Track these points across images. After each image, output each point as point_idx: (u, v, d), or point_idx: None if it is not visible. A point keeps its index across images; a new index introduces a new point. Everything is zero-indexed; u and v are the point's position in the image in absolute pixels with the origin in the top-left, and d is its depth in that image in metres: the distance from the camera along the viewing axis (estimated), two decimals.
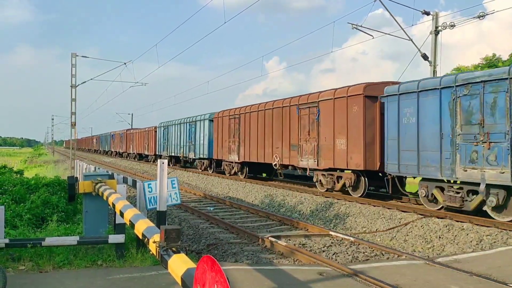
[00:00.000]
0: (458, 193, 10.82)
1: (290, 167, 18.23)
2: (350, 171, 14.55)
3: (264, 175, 23.26)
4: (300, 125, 17.05)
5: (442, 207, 11.41)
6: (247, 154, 21.48)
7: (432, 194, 11.55)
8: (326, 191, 15.73)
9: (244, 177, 22.03)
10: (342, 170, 15.02)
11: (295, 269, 6.93)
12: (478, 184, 10.07)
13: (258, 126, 20.42)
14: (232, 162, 23.20)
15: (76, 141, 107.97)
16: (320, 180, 16.09)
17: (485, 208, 10.22)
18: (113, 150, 60.30)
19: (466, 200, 10.60)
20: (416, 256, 7.99)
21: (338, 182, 15.18)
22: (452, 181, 11.23)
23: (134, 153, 47.30)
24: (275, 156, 18.69)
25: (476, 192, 10.29)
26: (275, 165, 18.73)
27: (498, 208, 9.94)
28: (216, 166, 26.12)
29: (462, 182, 10.74)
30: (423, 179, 11.88)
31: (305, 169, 16.74)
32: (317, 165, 15.89)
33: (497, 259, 7.57)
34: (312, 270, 6.70)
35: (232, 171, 23.19)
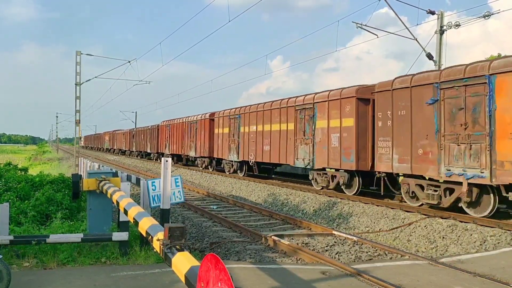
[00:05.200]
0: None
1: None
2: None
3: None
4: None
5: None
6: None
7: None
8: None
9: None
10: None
11: (298, 268, 6.93)
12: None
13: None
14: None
15: (82, 139, 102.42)
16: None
17: None
18: (135, 150, 49.29)
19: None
20: (419, 256, 7.98)
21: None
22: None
23: (168, 153, 34.65)
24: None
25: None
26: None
27: None
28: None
29: None
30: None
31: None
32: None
33: (501, 259, 7.55)
34: (315, 270, 6.70)
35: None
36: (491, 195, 10.22)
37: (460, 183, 10.52)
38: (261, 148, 20.46)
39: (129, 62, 23.13)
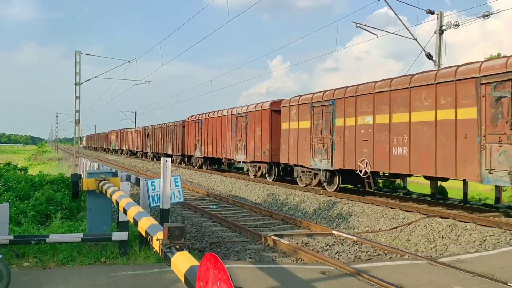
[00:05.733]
0: None
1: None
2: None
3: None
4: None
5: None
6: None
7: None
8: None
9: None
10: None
11: (297, 267, 6.94)
12: None
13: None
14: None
15: (84, 139, 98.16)
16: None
17: None
18: (150, 151, 41.41)
19: None
20: (419, 256, 7.98)
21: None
22: None
23: (199, 155, 28.34)
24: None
25: None
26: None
27: None
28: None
29: None
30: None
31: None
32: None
33: (500, 259, 7.55)
34: (315, 269, 6.71)
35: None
36: None
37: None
38: (386, 150, 13.15)
39: (129, 62, 23.14)
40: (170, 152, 34.34)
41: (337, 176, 15.43)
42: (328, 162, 15.37)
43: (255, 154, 20.90)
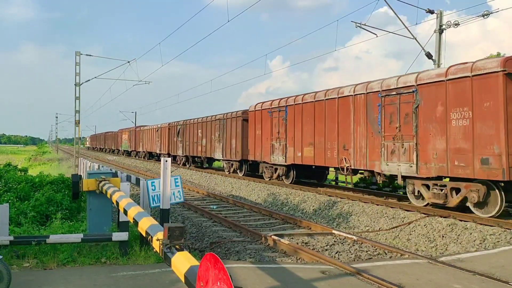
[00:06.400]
0: None
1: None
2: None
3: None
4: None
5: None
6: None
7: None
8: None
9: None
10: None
11: (297, 267, 6.94)
12: None
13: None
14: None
15: (88, 139, 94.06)
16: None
17: None
18: (181, 154, 32.14)
19: None
20: (419, 255, 7.99)
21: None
22: None
23: (283, 162, 18.55)
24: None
25: None
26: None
27: None
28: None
29: None
30: None
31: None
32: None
33: (500, 258, 7.56)
34: (315, 269, 6.71)
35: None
36: None
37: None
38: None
39: (129, 62, 23.14)
40: (219, 156, 25.66)
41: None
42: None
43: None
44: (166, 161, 6.95)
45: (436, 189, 11.40)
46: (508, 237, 8.98)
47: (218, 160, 27.53)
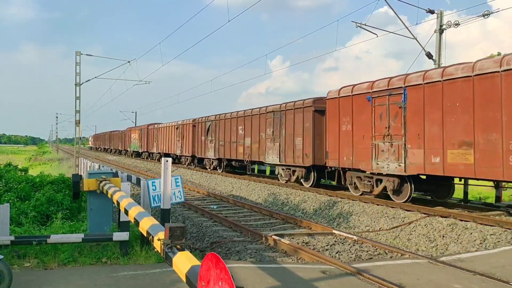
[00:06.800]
0: None
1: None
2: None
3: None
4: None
5: None
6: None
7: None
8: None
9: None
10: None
11: (298, 267, 6.95)
12: None
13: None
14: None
15: (91, 139, 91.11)
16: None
17: None
18: (213, 157, 26.17)
19: None
20: (419, 255, 7.99)
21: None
22: None
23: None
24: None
25: None
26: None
27: None
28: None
29: None
30: None
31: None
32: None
33: (501, 258, 7.56)
34: (315, 269, 6.72)
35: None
36: None
37: None
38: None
39: (129, 62, 23.15)
40: (273, 160, 19.73)
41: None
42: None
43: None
44: (167, 161, 6.95)
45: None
46: (509, 237, 8.98)
47: (271, 165, 21.42)
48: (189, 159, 30.54)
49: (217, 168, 26.29)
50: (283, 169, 18.96)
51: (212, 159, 26.66)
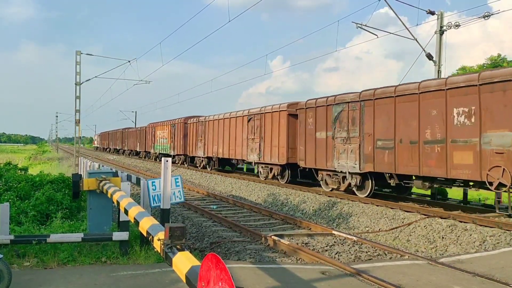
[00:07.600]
0: None
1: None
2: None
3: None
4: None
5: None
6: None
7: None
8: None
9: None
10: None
11: (297, 268, 6.95)
12: None
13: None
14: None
15: (96, 138, 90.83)
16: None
17: None
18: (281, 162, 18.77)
19: None
20: (419, 256, 7.99)
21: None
22: None
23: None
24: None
25: None
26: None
27: None
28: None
29: None
30: None
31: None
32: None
33: (500, 259, 7.56)
34: (315, 269, 6.72)
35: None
36: None
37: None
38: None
39: (129, 62, 23.13)
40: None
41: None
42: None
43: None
44: (167, 161, 6.95)
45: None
46: (508, 239, 8.99)
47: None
48: (266, 170, 20.91)
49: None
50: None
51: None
